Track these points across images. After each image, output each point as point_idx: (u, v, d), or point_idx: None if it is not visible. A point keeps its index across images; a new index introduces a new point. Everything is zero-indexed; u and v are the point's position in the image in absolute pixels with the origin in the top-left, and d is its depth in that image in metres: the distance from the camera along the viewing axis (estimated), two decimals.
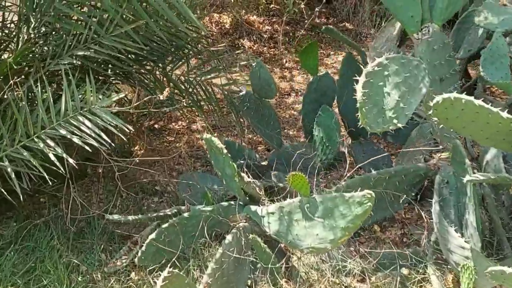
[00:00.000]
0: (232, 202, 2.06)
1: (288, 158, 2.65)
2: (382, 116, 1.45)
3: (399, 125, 1.51)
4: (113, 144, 1.72)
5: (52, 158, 1.70)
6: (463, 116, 1.39)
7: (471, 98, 1.33)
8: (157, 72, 2.60)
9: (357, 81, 1.52)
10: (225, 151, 1.78)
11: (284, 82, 4.34)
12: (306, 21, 5.26)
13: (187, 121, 3.44)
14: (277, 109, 3.78)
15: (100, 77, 2.42)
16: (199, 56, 2.86)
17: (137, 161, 2.47)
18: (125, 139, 1.89)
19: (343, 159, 2.70)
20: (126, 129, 1.73)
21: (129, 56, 2.41)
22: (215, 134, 3.34)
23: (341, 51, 4.93)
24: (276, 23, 5.16)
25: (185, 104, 2.31)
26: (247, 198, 2.06)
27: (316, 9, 5.29)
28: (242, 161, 2.42)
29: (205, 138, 1.80)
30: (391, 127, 1.49)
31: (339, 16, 5.47)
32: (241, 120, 2.89)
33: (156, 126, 3.29)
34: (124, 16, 2.10)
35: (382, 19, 5.17)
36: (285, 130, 3.49)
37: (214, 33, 4.83)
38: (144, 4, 2.30)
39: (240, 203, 2.06)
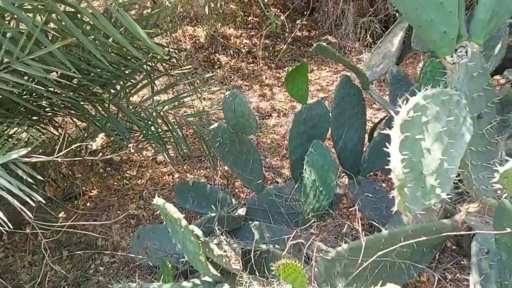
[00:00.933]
0: (198, 281, 1.47)
1: (270, 203, 2.08)
2: (421, 186, 0.90)
3: (443, 195, 0.96)
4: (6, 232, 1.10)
5: None
6: None
7: None
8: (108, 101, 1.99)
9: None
10: (184, 222, 1.20)
11: (264, 101, 3.77)
12: (287, 34, 4.73)
13: (153, 151, 2.83)
14: (256, 133, 3.21)
15: (33, 109, 1.81)
16: (165, 76, 2.28)
17: (85, 206, 1.86)
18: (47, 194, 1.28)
19: (339, 202, 2.15)
20: (36, 196, 1.12)
21: (70, 82, 1.81)
22: (185, 166, 2.74)
23: (325, 66, 4.41)
24: (255, 37, 4.60)
25: (137, 141, 1.71)
26: (219, 273, 1.47)
27: (297, 21, 4.77)
28: (213, 214, 1.83)
29: (156, 205, 1.21)
30: (433, 201, 0.94)
31: (321, 29, 4.96)
32: (213, 151, 2.31)
33: (114, 158, 2.67)
34: (50, 34, 1.50)
35: (367, 32, 4.68)
36: (267, 159, 2.92)
37: (187, 48, 4.24)
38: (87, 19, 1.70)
39: (209, 280, 1.48)
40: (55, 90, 1.81)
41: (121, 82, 1.89)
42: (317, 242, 1.83)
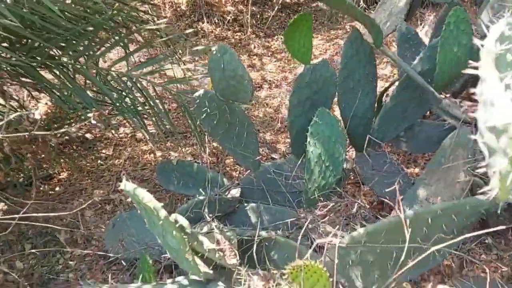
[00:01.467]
0: (185, 281, 1.18)
1: (268, 181, 1.79)
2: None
3: None
4: None
5: None
6: None
7: None
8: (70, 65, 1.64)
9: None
10: (162, 213, 0.89)
11: (254, 71, 3.44)
12: (274, 0, 4.35)
13: (131, 127, 2.49)
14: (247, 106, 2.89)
15: None
16: (140, 38, 1.92)
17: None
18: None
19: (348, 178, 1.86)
20: None
21: (20, 42, 1.46)
22: (168, 144, 2.42)
23: (317, 34, 4.06)
24: (241, 3, 4.21)
25: (103, 113, 1.37)
26: (211, 270, 1.18)
27: None
28: (202, 197, 1.53)
29: (125, 190, 0.90)
30: None
31: None
32: (200, 124, 1.99)
33: (87, 136, 2.34)
34: None
35: None
36: (261, 134, 2.62)
37: (167, 16, 3.85)
38: None
39: (199, 279, 1.19)
40: (2, 53, 1.46)
41: (85, 42, 1.54)
42: (325, 225, 1.55)
